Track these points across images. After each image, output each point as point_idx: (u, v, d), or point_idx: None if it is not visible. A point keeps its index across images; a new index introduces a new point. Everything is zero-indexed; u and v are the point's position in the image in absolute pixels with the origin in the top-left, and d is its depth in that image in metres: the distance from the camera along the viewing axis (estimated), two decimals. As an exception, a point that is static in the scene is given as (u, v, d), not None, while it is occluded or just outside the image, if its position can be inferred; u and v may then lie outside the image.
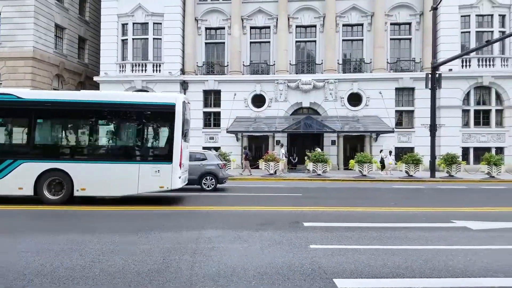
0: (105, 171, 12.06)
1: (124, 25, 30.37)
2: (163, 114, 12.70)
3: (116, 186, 12.11)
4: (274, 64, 30.15)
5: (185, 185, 16.59)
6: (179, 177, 12.30)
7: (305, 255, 6.57)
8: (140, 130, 12.75)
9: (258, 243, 7.36)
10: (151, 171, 12.05)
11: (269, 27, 30.82)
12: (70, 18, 32.45)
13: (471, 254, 6.69)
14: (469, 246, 7.20)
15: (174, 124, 12.28)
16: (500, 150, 27.89)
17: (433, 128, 23.31)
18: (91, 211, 11.02)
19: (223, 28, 31.10)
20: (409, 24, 29.96)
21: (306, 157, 25.43)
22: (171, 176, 12.05)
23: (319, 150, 25.04)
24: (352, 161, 23.83)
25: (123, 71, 29.90)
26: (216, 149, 26.95)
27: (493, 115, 28.35)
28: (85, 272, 5.60)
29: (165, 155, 12.35)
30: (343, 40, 30.40)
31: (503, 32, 27.68)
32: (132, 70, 29.81)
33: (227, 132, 27.69)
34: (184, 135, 12.98)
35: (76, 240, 7.43)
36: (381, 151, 26.80)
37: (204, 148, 27.58)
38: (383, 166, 25.58)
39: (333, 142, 28.92)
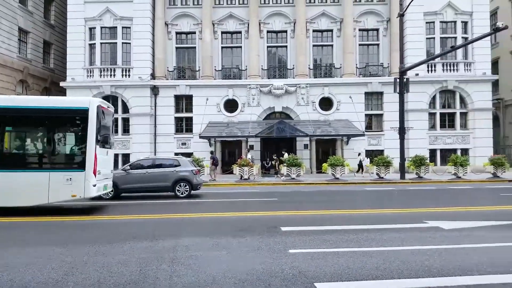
0: (12, 180, 11.45)
1: (91, 29, 29.74)
2: (76, 119, 12.19)
3: (24, 195, 11.47)
4: (246, 69, 30.20)
5: (159, 192, 16.58)
6: (94, 185, 11.76)
7: (285, 260, 6.55)
8: (51, 136, 12.22)
9: (237, 249, 7.30)
10: (62, 179, 11.48)
11: (240, 32, 30.87)
12: (35, 22, 31.45)
13: (446, 253, 6.84)
14: (443, 246, 7.36)
15: (87, 129, 11.75)
16: (465, 152, 28.82)
17: (402, 131, 23.85)
18: (48, 222, 10.70)
19: (194, 32, 30.95)
20: (377, 30, 30.64)
21: (273, 162, 26.00)
22: (84, 184, 11.53)
23: (286, 155, 25.24)
24: (325, 165, 24.09)
25: (91, 76, 29.26)
26: (189, 154, 26.72)
27: (457, 118, 29.33)
28: (58, 286, 5.41)
29: (77, 162, 11.84)
30: (313, 45, 30.79)
31: (466, 38, 28.70)
32: (101, 75, 29.19)
33: (200, 137, 27.48)
34: (103, 141, 12.54)
35: (47, 253, 7.18)
36: (359, 154, 27.25)
37: (176, 154, 27.38)
38: (361, 169, 26.11)
39: (305, 146, 29.20)
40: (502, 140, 32.98)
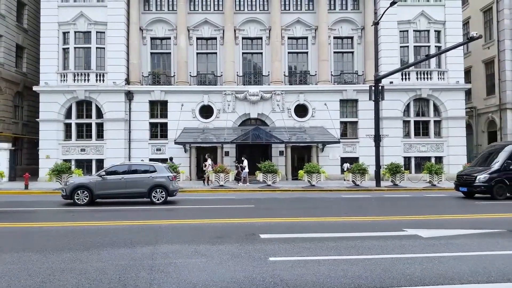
0: None
1: (65, 34, 29.15)
2: None
3: None
4: (222, 75, 30.10)
5: (134, 198, 16.32)
6: None
7: (265, 268, 6.47)
8: None
9: (216, 257, 7.18)
10: None
11: (215, 38, 30.79)
12: (7, 26, 30.71)
13: (426, 262, 6.87)
14: (423, 254, 7.40)
15: None
16: (439, 159, 29.32)
17: (377, 138, 24.10)
18: (21, 228, 10.32)
19: (169, 38, 30.69)
20: (352, 38, 31.03)
21: (234, 167, 25.93)
22: None
23: (246, 162, 25.34)
24: (301, 172, 24.11)
25: (64, 80, 28.62)
26: (164, 160, 26.38)
27: (432, 126, 29.79)
28: (33, 296, 5.20)
29: None
30: (288, 52, 30.93)
31: (439, 47, 29.33)
32: (74, 80, 28.60)
33: (175, 143, 27.15)
34: None
35: (23, 259, 7.00)
36: (345, 162, 27.57)
37: (151, 159, 26.97)
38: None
39: (281, 153, 29.22)
40: (475, 148, 33.72)
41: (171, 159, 25.80)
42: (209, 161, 25.78)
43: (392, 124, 29.02)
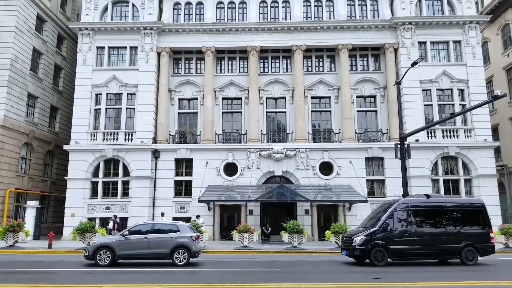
0: None
1: (97, 95, 30.49)
2: None
3: None
4: (246, 133, 30.53)
5: (156, 259, 16.11)
6: None
7: None
8: None
9: (239, 327, 6.89)
10: None
11: (240, 98, 31.61)
12: (44, 88, 32.47)
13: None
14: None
15: None
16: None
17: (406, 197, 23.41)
18: None
19: (196, 98, 31.69)
20: (374, 97, 31.33)
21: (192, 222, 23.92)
22: None
23: (201, 220, 24.74)
24: (328, 232, 23.45)
25: (94, 139, 29.52)
26: (187, 219, 26.26)
27: (462, 185, 28.81)
28: None
29: None
30: (312, 111, 31.33)
31: (464, 105, 29.20)
32: (104, 139, 29.46)
33: (199, 201, 27.11)
34: None
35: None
36: None
37: (174, 218, 26.90)
38: None
39: (306, 212, 28.71)
40: (510, 208, 32.36)
41: (115, 217, 25.55)
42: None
43: (420, 183, 28.33)
